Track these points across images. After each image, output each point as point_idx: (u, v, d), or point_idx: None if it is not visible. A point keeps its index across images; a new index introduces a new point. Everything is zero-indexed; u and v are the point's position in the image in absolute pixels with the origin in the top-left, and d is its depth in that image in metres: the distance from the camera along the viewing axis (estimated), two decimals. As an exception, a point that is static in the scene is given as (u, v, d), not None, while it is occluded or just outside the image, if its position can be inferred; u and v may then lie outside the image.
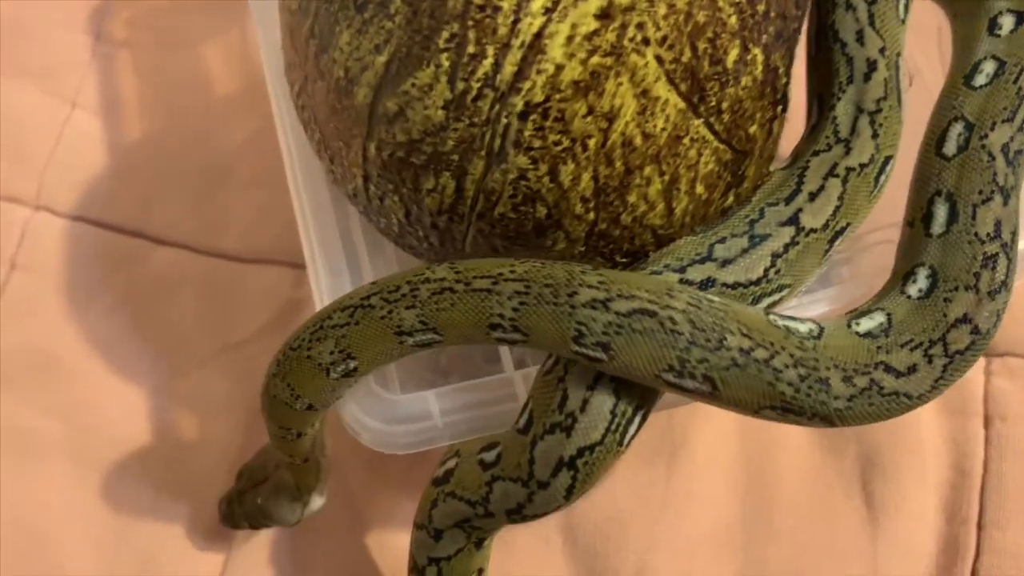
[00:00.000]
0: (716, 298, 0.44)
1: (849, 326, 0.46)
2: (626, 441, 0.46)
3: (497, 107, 0.43)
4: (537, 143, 0.43)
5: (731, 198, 0.47)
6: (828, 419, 0.43)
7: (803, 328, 0.44)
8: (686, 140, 0.44)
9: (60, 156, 0.77)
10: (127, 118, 0.79)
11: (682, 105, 0.43)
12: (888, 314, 0.46)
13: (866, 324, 0.45)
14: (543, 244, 0.46)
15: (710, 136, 0.44)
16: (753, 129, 0.45)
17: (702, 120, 0.44)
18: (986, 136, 0.47)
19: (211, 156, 0.76)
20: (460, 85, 0.42)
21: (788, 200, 0.48)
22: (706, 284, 0.46)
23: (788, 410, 0.43)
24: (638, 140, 0.43)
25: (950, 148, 0.48)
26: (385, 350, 0.48)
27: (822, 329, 0.45)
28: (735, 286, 0.46)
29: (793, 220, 0.47)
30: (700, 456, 0.67)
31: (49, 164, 0.77)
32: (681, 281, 0.46)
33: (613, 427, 0.45)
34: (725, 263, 0.46)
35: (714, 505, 0.65)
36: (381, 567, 0.65)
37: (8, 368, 0.71)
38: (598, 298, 0.42)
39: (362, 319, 0.46)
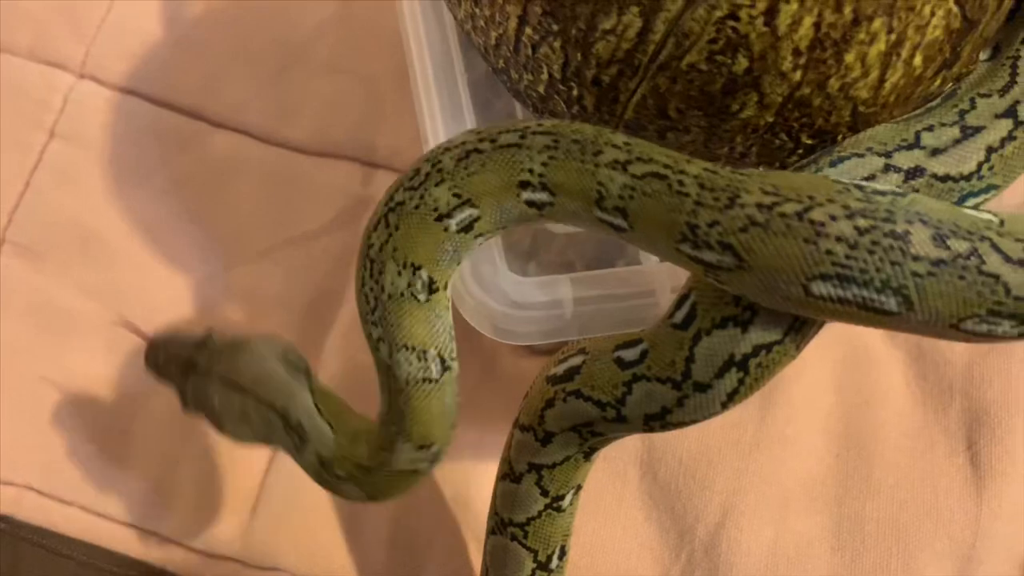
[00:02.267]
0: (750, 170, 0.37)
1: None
2: (802, 346, 0.39)
3: (724, -76, 0.35)
4: (762, -28, 0.35)
5: (938, 81, 0.40)
6: (902, 291, 0.34)
7: (883, 186, 0.36)
8: (925, -8, 0.36)
9: (112, 23, 0.69)
10: (187, -12, 0.71)
11: (933, -55, 0.36)
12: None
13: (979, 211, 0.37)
14: (727, 108, 0.39)
15: (949, -8, 0.37)
16: (988, -5, 0.38)
17: (947, -30, 0.36)
18: None
19: (281, 36, 0.68)
20: None
21: (1003, 91, 0.41)
22: (914, 173, 0.39)
23: (844, 278, 0.34)
24: (877, -18, 0.36)
25: None
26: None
27: (915, 191, 0.37)
28: (945, 179, 0.39)
29: (1011, 112, 0.41)
30: (796, 401, 0.60)
31: (100, 31, 0.68)
32: (886, 167, 0.39)
33: (796, 326, 0.38)
34: (935, 152, 0.39)
35: (809, 454, 0.59)
36: (439, 490, 0.58)
37: (44, 241, 0.63)
38: (619, 159, 0.38)
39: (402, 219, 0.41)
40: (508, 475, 0.47)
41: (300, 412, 0.45)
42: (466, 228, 0.41)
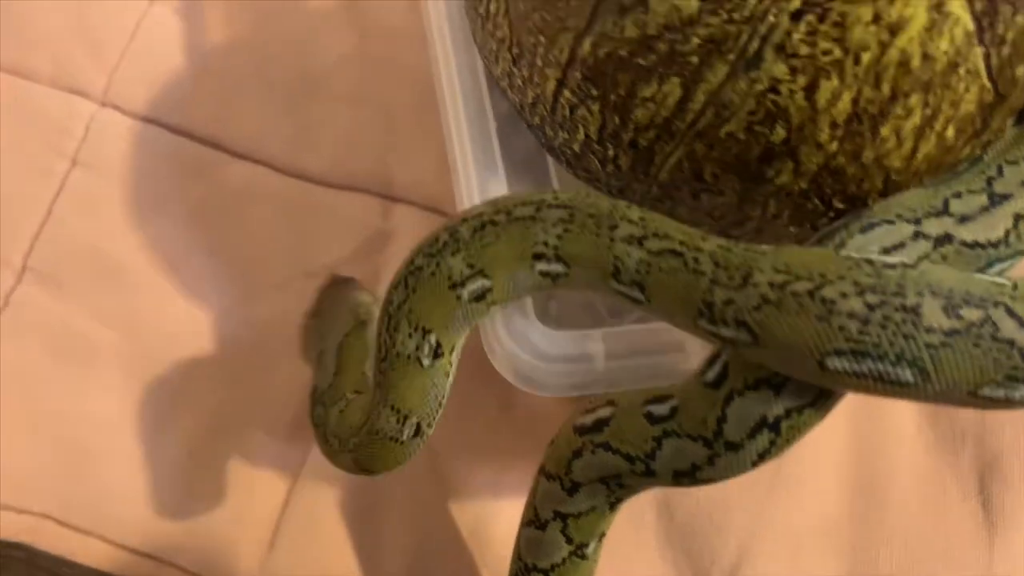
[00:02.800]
0: (763, 247, 0.38)
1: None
2: (833, 407, 0.40)
3: (767, 2, 0.36)
4: (804, 50, 0.36)
5: (967, 149, 0.41)
6: (917, 363, 0.34)
7: (894, 259, 0.36)
8: (961, 70, 0.37)
9: (134, 52, 0.69)
10: (210, 17, 0.71)
11: (971, 27, 0.37)
12: None
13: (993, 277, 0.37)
14: (763, 175, 0.40)
15: (983, 70, 0.38)
16: (1020, 71, 0.39)
17: (983, 50, 0.37)
18: None
19: (301, 67, 0.68)
20: (729, -29, 0.35)
21: None
22: (943, 240, 0.39)
23: (859, 353, 0.35)
24: (916, 61, 0.36)
25: None
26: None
27: (929, 261, 0.37)
28: (974, 246, 0.39)
29: None
30: (811, 445, 0.60)
31: (122, 60, 0.68)
32: (916, 235, 0.39)
33: (827, 389, 0.39)
34: (963, 219, 0.40)
35: (823, 497, 0.59)
36: (456, 528, 0.58)
37: (64, 269, 0.63)
38: (635, 234, 0.39)
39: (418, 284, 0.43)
40: (533, 522, 0.47)
41: (329, 346, 0.50)
42: (478, 298, 0.42)
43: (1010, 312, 0.35)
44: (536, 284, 0.42)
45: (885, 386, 0.36)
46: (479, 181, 0.46)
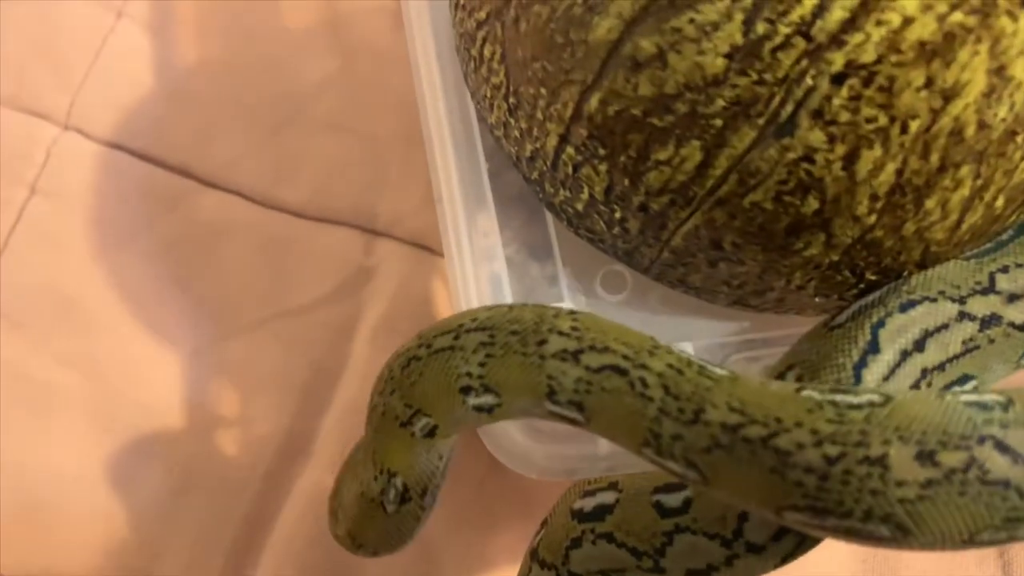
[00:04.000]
0: (716, 367, 0.33)
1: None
2: None
3: (804, 63, 0.31)
4: (844, 116, 0.32)
5: (1014, 217, 0.36)
6: (891, 519, 0.29)
7: (858, 399, 0.31)
8: (1019, 139, 0.33)
9: (100, 72, 0.64)
10: (182, 35, 0.66)
11: (1033, 92, 0.32)
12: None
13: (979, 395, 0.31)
14: (790, 247, 0.35)
15: (1041, 137, 0.33)
16: (1077, 136, 0.34)
17: (1044, 115, 0.33)
18: None
19: (279, 91, 0.63)
20: (761, 28, 0.31)
21: None
22: (989, 322, 0.35)
23: (819, 510, 0.30)
24: (970, 130, 0.32)
25: None
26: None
27: (890, 398, 0.31)
28: (1023, 327, 0.35)
29: None
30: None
31: (86, 80, 0.63)
32: (961, 315, 0.35)
33: None
34: (1012, 298, 0.36)
35: (833, 561, 0.55)
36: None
37: (21, 308, 0.58)
38: (569, 348, 0.34)
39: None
40: (524, 611, 0.43)
41: None
42: (429, 434, 0.38)
43: (1000, 446, 0.29)
44: (475, 419, 0.37)
45: (861, 540, 0.31)
46: (466, 217, 0.41)
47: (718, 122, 0.33)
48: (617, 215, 0.38)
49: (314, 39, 0.66)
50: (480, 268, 0.43)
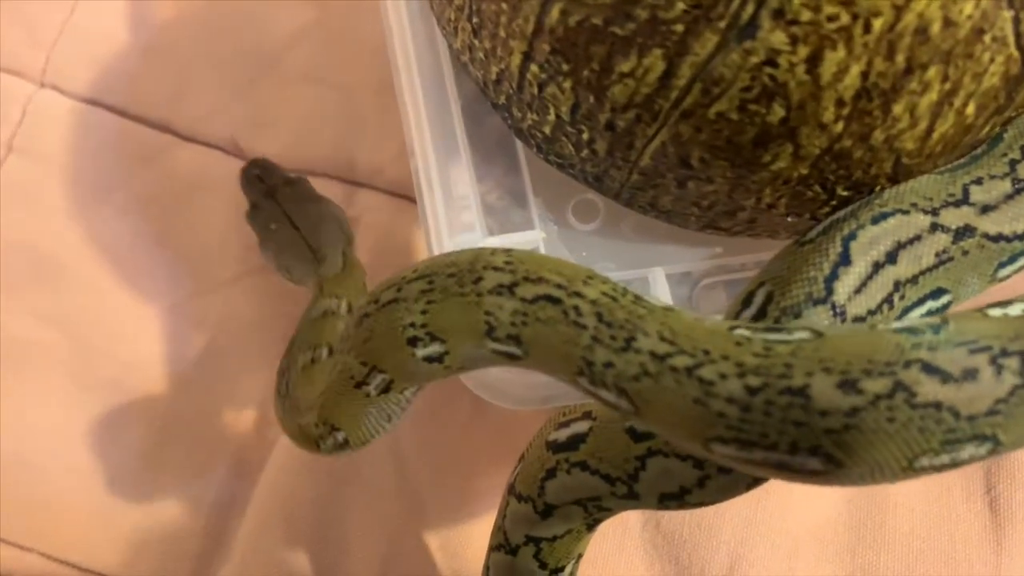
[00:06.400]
0: (652, 298, 0.33)
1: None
2: None
3: (764, -40, 0.30)
4: (806, 15, 0.31)
5: (988, 128, 0.36)
6: (819, 451, 0.29)
7: (789, 336, 0.30)
8: (987, 38, 0.32)
9: (74, 28, 0.63)
10: (156, -10, 0.65)
11: (999, -13, 0.31)
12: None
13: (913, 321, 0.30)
14: (757, 160, 0.34)
15: (1011, 38, 0.32)
16: (1050, 38, 0.34)
17: (1012, 14, 0.32)
18: None
19: (255, 43, 0.63)
20: (718, -76, 0.30)
21: None
22: (963, 233, 0.34)
23: (744, 442, 0.29)
24: (936, 28, 0.31)
25: None
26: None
27: (821, 334, 0.30)
28: (997, 238, 0.35)
29: None
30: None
31: (61, 36, 0.62)
32: (933, 227, 0.34)
33: None
34: (986, 209, 0.35)
35: (820, 500, 0.55)
36: (425, 540, 0.53)
37: (2, 267, 0.57)
38: (504, 282, 0.33)
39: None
40: (503, 546, 0.42)
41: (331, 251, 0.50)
42: (385, 390, 0.38)
43: (928, 368, 0.28)
44: (430, 372, 0.36)
45: (794, 474, 0.30)
46: (439, 169, 0.40)
47: (679, 27, 0.32)
48: (585, 136, 0.37)
49: (289, -11, 0.65)
50: (455, 218, 0.42)
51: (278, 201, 0.52)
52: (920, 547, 0.55)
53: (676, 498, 0.37)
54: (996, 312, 0.30)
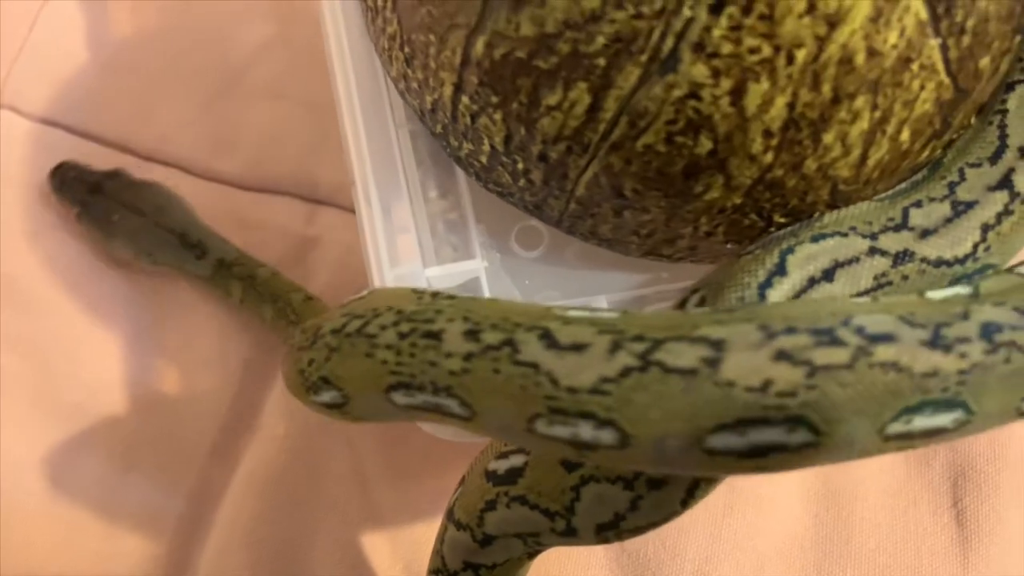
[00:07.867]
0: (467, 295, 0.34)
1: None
2: None
3: (680, -7, 0.29)
4: (727, 48, 0.30)
5: (927, 152, 0.35)
6: (452, 392, 0.31)
7: (457, 294, 0.33)
8: (914, 66, 0.31)
9: (32, 48, 0.62)
10: (116, 7, 0.64)
11: (924, 15, 0.30)
12: None
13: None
14: (690, 191, 0.34)
15: (940, 65, 0.32)
16: (983, 63, 0.33)
17: (939, 41, 0.31)
18: None
19: (216, 59, 0.62)
20: (633, -42, 0.29)
21: (994, 159, 0.36)
22: (903, 257, 0.34)
23: (405, 385, 0.31)
24: (860, 58, 0.30)
25: None
26: None
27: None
28: (938, 263, 0.34)
29: (1005, 183, 0.35)
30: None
31: (20, 55, 0.62)
32: (872, 251, 0.33)
33: None
34: (925, 233, 0.34)
35: (785, 516, 0.54)
36: (389, 561, 0.53)
37: (-43, 291, 0.57)
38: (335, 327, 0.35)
39: None
40: (441, 571, 0.42)
41: (199, 232, 0.53)
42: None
43: (547, 335, 0.29)
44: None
45: (444, 416, 0.31)
46: (380, 198, 0.40)
47: (601, 61, 0.32)
48: (520, 166, 0.37)
49: (250, 5, 0.65)
50: (394, 249, 0.42)
51: (108, 195, 0.53)
52: (886, 562, 0.54)
53: (612, 527, 0.36)
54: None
